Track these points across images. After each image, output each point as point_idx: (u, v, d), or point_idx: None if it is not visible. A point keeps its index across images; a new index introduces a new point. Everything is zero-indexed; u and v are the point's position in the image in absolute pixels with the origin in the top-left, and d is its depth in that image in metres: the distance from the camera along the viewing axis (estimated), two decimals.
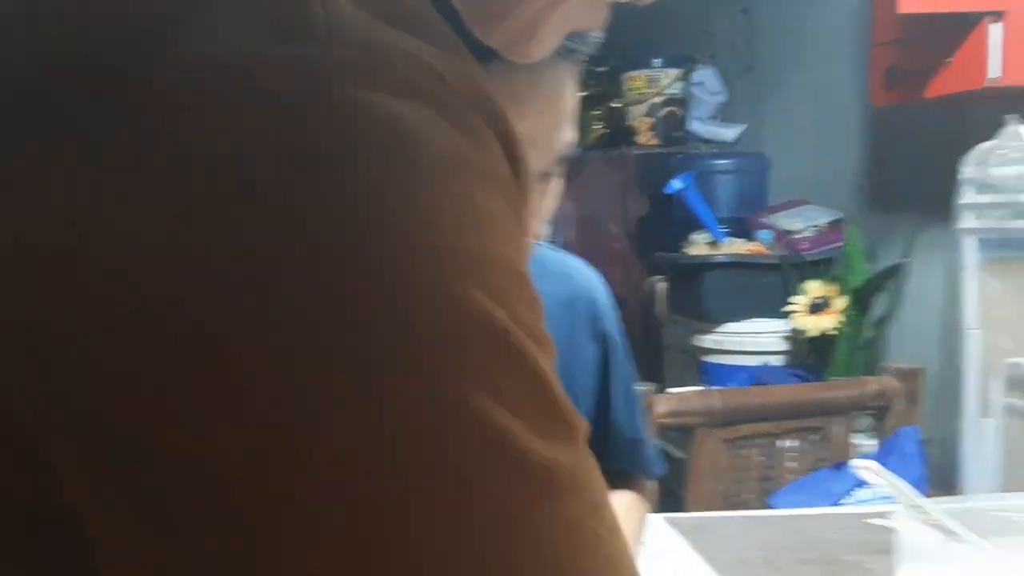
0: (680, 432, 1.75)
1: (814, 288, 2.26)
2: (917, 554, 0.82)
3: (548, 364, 0.27)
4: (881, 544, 0.92)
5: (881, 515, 0.99)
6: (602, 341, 0.99)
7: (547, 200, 0.80)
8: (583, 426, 0.28)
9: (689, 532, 1.10)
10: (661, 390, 1.88)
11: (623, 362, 1.02)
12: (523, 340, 0.26)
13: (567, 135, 0.75)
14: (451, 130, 0.26)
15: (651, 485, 1.10)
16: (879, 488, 0.78)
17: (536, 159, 0.73)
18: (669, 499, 1.97)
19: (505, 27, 0.43)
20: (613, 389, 0.99)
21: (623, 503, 1.03)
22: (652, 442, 1.07)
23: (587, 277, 1.02)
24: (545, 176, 0.77)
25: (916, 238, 2.21)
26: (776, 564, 1.00)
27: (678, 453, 1.82)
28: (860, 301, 2.20)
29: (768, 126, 3.00)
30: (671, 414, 1.67)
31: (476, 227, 0.26)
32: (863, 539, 1.06)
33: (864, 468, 0.77)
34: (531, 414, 0.25)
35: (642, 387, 1.68)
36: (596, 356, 0.98)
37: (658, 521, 1.14)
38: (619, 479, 1.04)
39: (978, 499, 0.91)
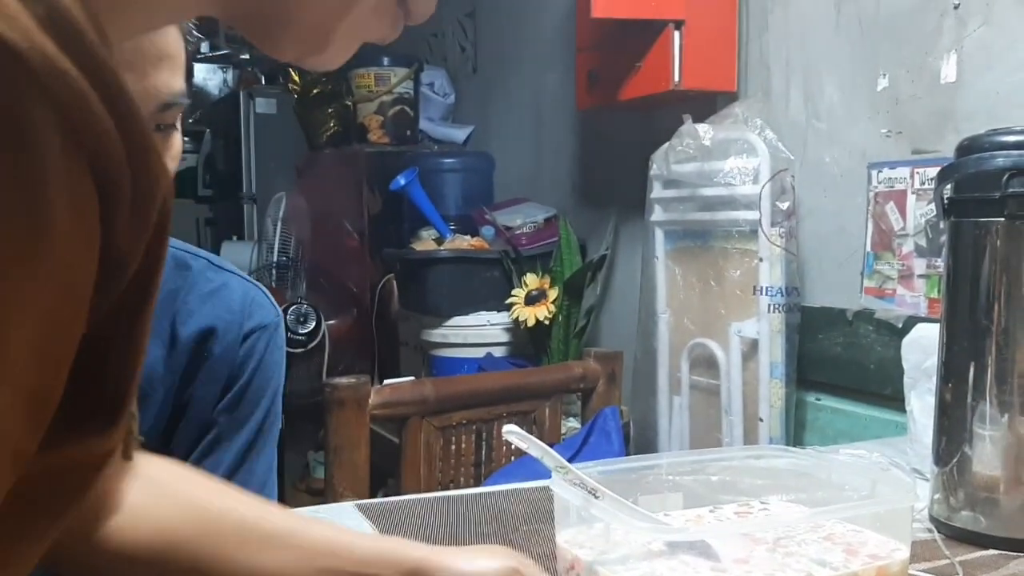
0: (397, 422, 1.77)
1: (531, 281, 2.36)
2: (567, 513, 0.87)
3: None
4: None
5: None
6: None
7: (168, 161, 0.74)
8: None
9: (378, 516, 1.10)
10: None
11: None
12: None
13: (164, 79, 0.69)
14: None
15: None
16: (529, 452, 0.82)
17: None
18: (390, 486, 2.00)
19: (291, 41, 0.41)
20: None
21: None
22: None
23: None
24: (158, 128, 0.71)
25: (619, 231, 2.37)
26: (457, 539, 1.04)
27: (397, 440, 1.84)
28: (572, 291, 2.32)
29: (493, 127, 3.10)
30: (384, 405, 1.68)
31: None
32: (544, 508, 1.12)
33: (510, 433, 0.81)
34: None
35: (358, 379, 1.69)
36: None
37: (347, 508, 1.15)
38: None
39: (629, 460, 0.98)
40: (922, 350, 1.26)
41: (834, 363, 1.72)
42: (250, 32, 0.41)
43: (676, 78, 1.90)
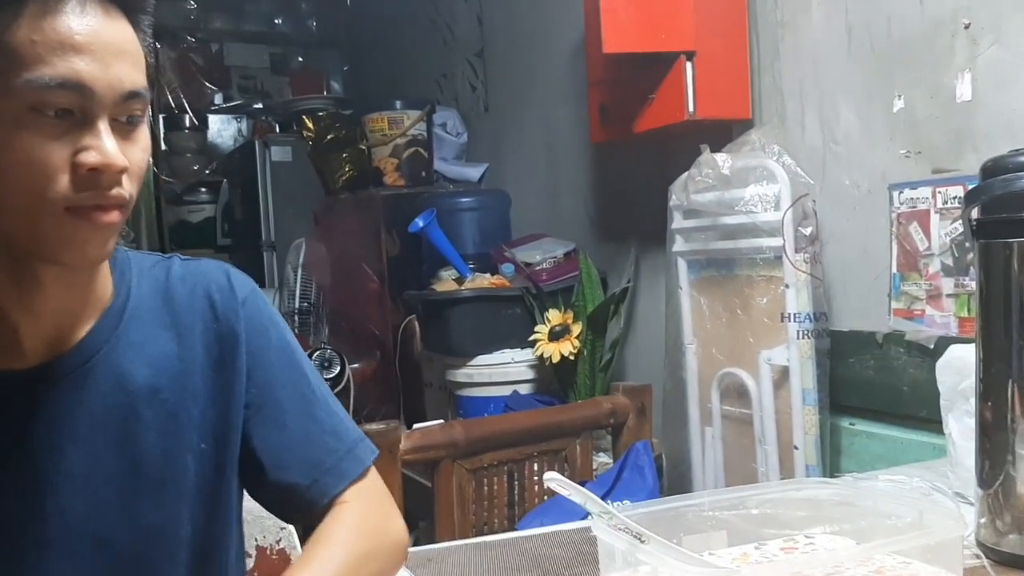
0: (429, 466, 1.76)
1: (554, 316, 2.36)
2: (611, 558, 0.86)
3: None
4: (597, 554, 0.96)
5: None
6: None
7: (137, 151, 0.75)
8: None
9: (418, 566, 1.10)
10: None
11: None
12: None
13: (127, 70, 0.71)
14: None
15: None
16: (572, 499, 0.82)
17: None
18: (424, 531, 1.98)
19: None
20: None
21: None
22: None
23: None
24: (128, 121, 0.73)
25: (640, 263, 2.37)
26: None
27: (428, 483, 1.83)
28: (595, 325, 2.31)
29: (508, 164, 3.12)
30: (415, 449, 1.68)
31: None
32: (584, 551, 1.11)
33: (551, 480, 0.80)
34: None
35: (387, 424, 1.69)
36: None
37: None
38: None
39: (670, 500, 0.97)
40: (957, 372, 1.25)
41: (867, 387, 1.71)
42: None
43: (690, 108, 1.90)
